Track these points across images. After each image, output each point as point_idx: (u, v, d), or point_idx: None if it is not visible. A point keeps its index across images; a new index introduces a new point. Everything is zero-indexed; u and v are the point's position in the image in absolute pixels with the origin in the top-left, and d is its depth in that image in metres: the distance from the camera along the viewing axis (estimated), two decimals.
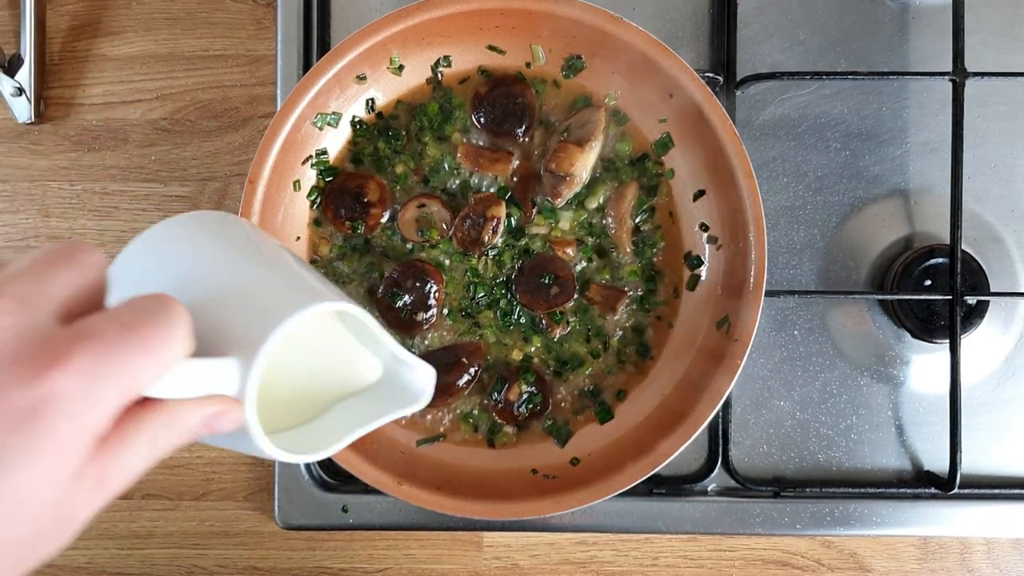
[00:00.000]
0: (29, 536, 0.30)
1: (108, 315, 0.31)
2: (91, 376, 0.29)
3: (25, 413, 0.28)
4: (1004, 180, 0.74)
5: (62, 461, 0.30)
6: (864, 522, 0.72)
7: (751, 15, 0.74)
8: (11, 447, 0.28)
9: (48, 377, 0.29)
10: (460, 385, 0.70)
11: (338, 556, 0.75)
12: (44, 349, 0.29)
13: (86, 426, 0.30)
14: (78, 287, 0.32)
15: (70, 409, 0.29)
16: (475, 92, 0.71)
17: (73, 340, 0.30)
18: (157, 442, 0.33)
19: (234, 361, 0.33)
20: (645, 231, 0.71)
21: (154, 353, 0.31)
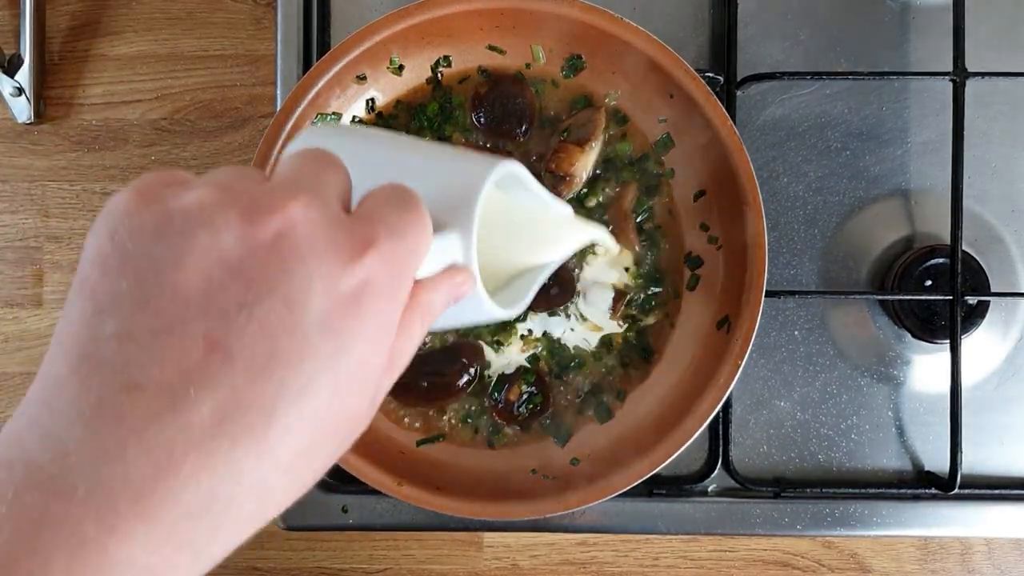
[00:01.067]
0: (362, 413, 0.32)
1: (377, 201, 0.33)
2: (392, 258, 0.31)
3: (352, 297, 0.30)
4: (1004, 180, 0.74)
5: (383, 340, 0.31)
6: (864, 522, 0.71)
7: (751, 15, 0.74)
8: (347, 331, 0.30)
9: (362, 262, 0.30)
10: (460, 385, 0.70)
11: (338, 556, 0.75)
12: (352, 235, 0.30)
13: (398, 304, 0.32)
14: (343, 183, 0.34)
15: (384, 291, 0.31)
16: (475, 92, 0.71)
17: (369, 225, 0.31)
18: (426, 318, 0.35)
19: (455, 231, 0.36)
20: (646, 231, 0.71)
21: (423, 231, 0.33)
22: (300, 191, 0.30)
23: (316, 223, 0.30)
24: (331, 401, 0.30)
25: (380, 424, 0.70)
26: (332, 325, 0.29)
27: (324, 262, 0.29)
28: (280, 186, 0.31)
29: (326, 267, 0.29)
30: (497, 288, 0.46)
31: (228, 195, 0.29)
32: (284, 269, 0.29)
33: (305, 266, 0.29)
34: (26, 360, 0.76)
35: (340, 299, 0.29)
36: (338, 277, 0.29)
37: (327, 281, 0.29)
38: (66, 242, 0.76)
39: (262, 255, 0.28)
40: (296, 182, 0.31)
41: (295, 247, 0.29)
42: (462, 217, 0.37)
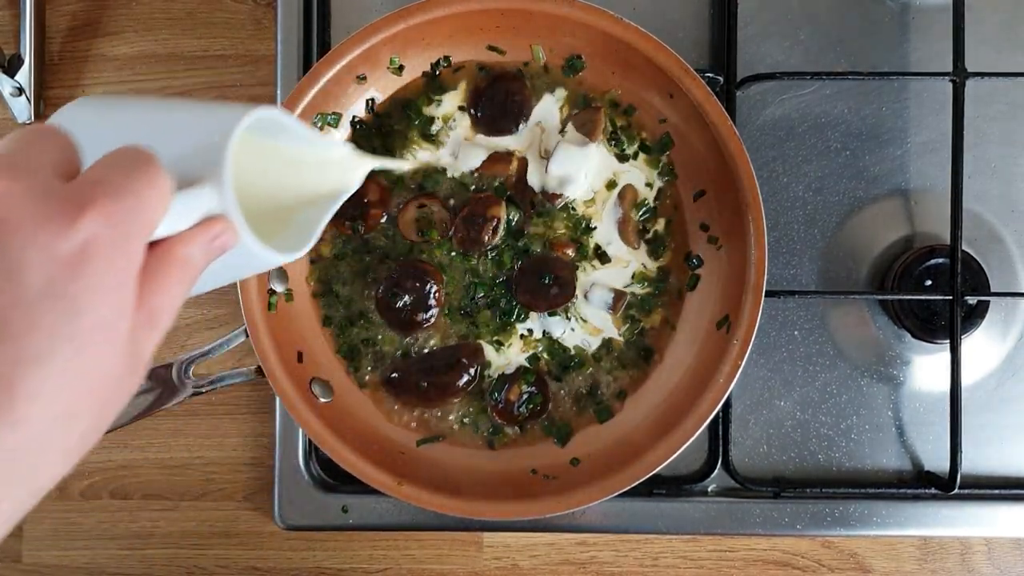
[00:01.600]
0: (118, 372, 0.32)
1: (102, 165, 0.33)
2: (116, 215, 0.31)
3: (74, 259, 0.30)
4: (1004, 180, 0.74)
5: (122, 296, 0.32)
6: (864, 522, 0.72)
7: (751, 15, 0.74)
8: (76, 292, 0.30)
9: (81, 223, 0.30)
10: (460, 385, 0.70)
11: (338, 556, 0.75)
12: (65, 201, 0.30)
13: (130, 261, 0.32)
14: (61, 152, 0.34)
15: (111, 247, 0.31)
16: (474, 87, 0.71)
17: (88, 188, 0.31)
18: (184, 274, 0.35)
19: (208, 184, 0.36)
20: (647, 231, 0.71)
21: (153, 187, 0.33)
22: (5, 167, 0.31)
23: (24, 195, 0.30)
24: (74, 362, 0.30)
25: (380, 424, 0.70)
26: (56, 290, 0.29)
27: (38, 230, 0.29)
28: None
29: (41, 235, 0.29)
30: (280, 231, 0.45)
31: None
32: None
33: (18, 237, 0.29)
34: None
35: (61, 263, 0.30)
36: (54, 243, 0.30)
37: (44, 248, 0.29)
38: None
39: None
40: (3, 158, 0.31)
41: (5, 222, 0.29)
42: (213, 168, 0.36)
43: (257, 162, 0.40)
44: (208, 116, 0.40)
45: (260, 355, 0.66)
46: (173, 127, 0.40)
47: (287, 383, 0.66)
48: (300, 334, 0.70)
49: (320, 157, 0.48)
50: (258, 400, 0.75)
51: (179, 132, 0.39)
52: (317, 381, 0.69)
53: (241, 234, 0.37)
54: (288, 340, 0.68)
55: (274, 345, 0.66)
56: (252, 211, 0.38)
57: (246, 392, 0.75)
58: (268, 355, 0.66)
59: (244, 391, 0.75)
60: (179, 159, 0.37)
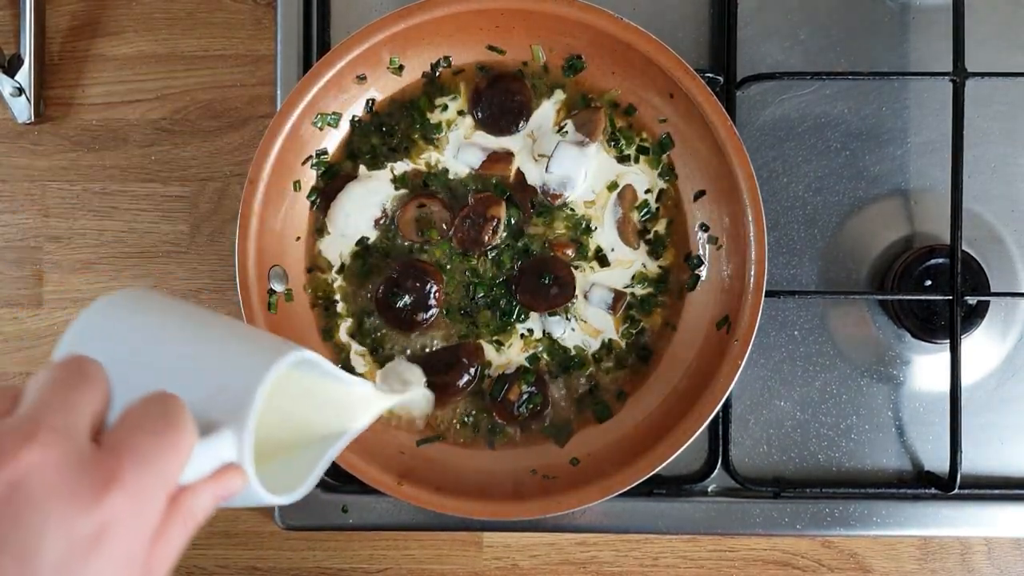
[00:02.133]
0: None
1: (131, 426, 0.33)
2: (138, 491, 0.31)
3: (91, 540, 0.30)
4: (1004, 180, 0.74)
5: (132, 568, 0.32)
6: (864, 522, 0.71)
7: (751, 15, 0.74)
8: (87, 572, 0.30)
9: (104, 502, 0.30)
10: (460, 385, 0.70)
11: (338, 556, 0.75)
12: (94, 475, 0.31)
13: (143, 536, 0.32)
14: (97, 404, 0.34)
15: (128, 526, 0.31)
16: (475, 87, 0.71)
17: (116, 460, 0.31)
18: (189, 523, 0.35)
19: (229, 432, 0.36)
20: (647, 231, 0.71)
21: (180, 451, 0.33)
22: (41, 428, 0.30)
23: (55, 466, 0.30)
24: None
25: (380, 424, 0.70)
26: (70, 571, 0.29)
27: (61, 508, 0.29)
28: (22, 422, 0.31)
29: (63, 513, 0.29)
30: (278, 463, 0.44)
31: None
32: (16, 521, 0.29)
33: (40, 515, 0.29)
34: (26, 360, 0.76)
35: (79, 543, 0.29)
36: (75, 522, 0.29)
37: (64, 527, 0.29)
38: (66, 242, 0.76)
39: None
40: (40, 415, 0.31)
41: (30, 497, 0.29)
42: (238, 416, 0.36)
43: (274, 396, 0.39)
44: (239, 355, 0.39)
45: None
46: (204, 360, 0.39)
47: None
48: (300, 334, 0.70)
49: (339, 393, 0.47)
50: None
51: (208, 367, 0.38)
52: None
53: (251, 483, 0.37)
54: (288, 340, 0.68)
55: None
56: (258, 446, 0.37)
57: None
58: None
59: None
60: (206, 398, 0.36)
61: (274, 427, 0.42)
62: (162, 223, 0.76)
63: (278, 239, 0.69)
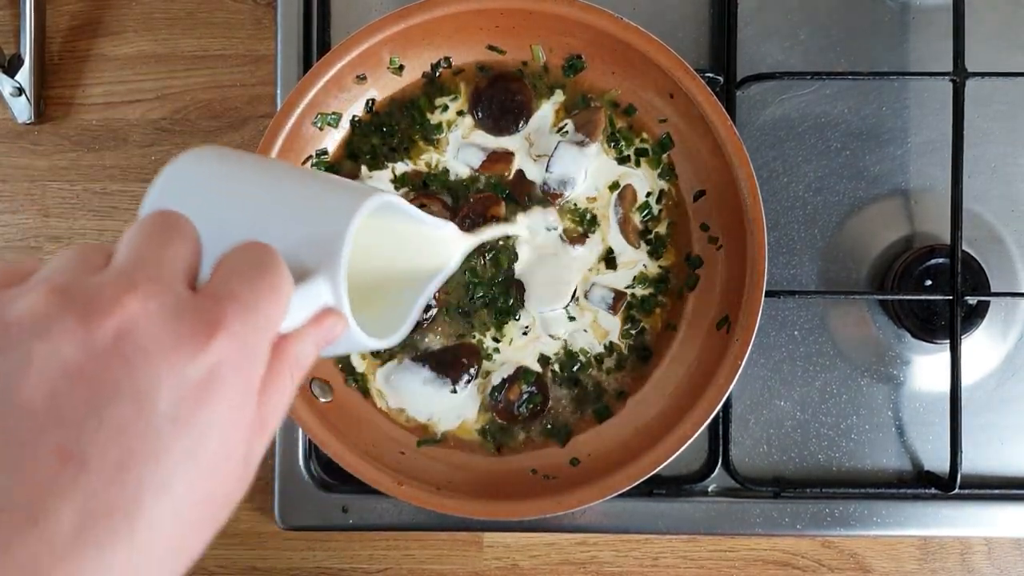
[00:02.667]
0: (232, 489, 0.32)
1: (228, 274, 0.33)
2: (243, 335, 0.31)
3: (202, 385, 0.30)
4: (1004, 180, 0.74)
5: (242, 418, 0.32)
6: (864, 522, 0.72)
7: (751, 15, 0.74)
8: (203, 418, 0.30)
9: (210, 347, 0.30)
10: (461, 385, 0.70)
11: (338, 556, 0.75)
12: (197, 322, 0.30)
13: (252, 381, 0.32)
14: (191, 255, 0.34)
15: (236, 370, 0.31)
16: (475, 87, 0.71)
17: (217, 306, 0.31)
18: (296, 372, 0.35)
19: (323, 277, 0.36)
20: (647, 231, 0.71)
21: (279, 295, 0.33)
22: (139, 280, 0.30)
23: (157, 314, 0.30)
24: (195, 489, 0.30)
25: (380, 424, 0.70)
26: (183, 416, 0.29)
27: (169, 355, 0.29)
28: (118, 275, 0.31)
29: (172, 359, 0.29)
30: (375, 310, 0.44)
31: (62, 298, 0.29)
32: (128, 369, 0.29)
33: (149, 362, 0.29)
34: None
35: (190, 389, 0.29)
36: (185, 367, 0.29)
37: (174, 374, 0.29)
38: (66, 242, 0.76)
39: (104, 358, 0.29)
40: (135, 267, 0.31)
41: (137, 344, 0.29)
42: (330, 260, 0.36)
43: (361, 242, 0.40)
44: (323, 200, 0.39)
45: None
46: (287, 210, 0.39)
47: None
48: None
49: (424, 236, 0.47)
50: None
51: (293, 217, 0.38)
52: (317, 381, 0.69)
53: (351, 327, 0.37)
54: None
55: None
56: (352, 292, 0.37)
57: None
58: None
59: None
60: (295, 246, 0.36)
61: (365, 273, 0.43)
62: None
63: None
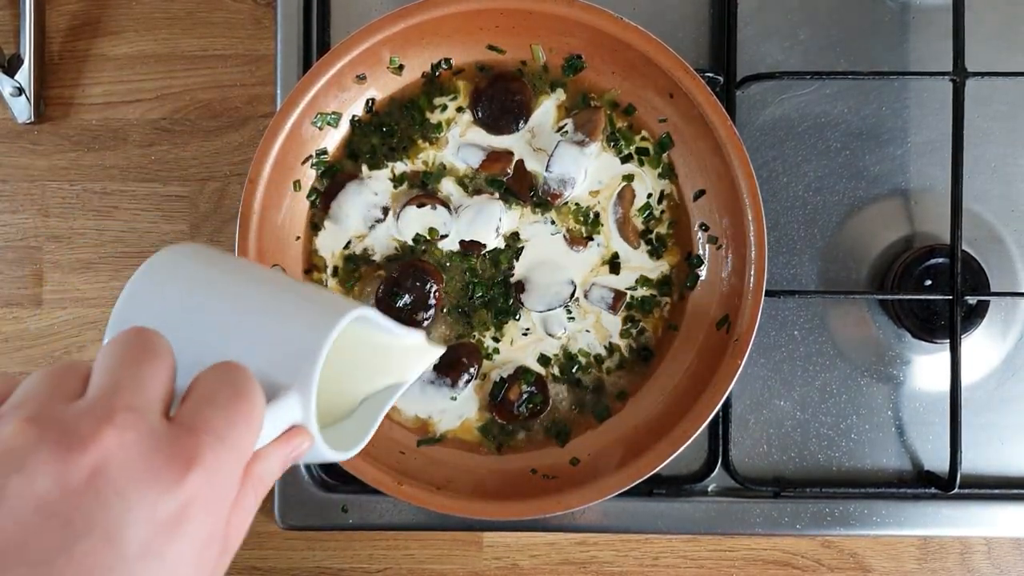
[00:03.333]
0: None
1: (202, 401, 0.33)
2: (217, 467, 0.31)
3: (173, 521, 0.30)
4: (1004, 180, 0.74)
5: (211, 550, 0.32)
6: (864, 522, 0.72)
7: (751, 15, 0.74)
8: (172, 554, 0.30)
9: (184, 483, 0.30)
10: (460, 385, 0.70)
11: (338, 556, 0.75)
12: (171, 456, 0.30)
13: (223, 513, 0.32)
14: (166, 378, 0.33)
15: (208, 502, 0.31)
16: (475, 87, 0.71)
17: (192, 438, 0.31)
18: (260, 490, 0.35)
19: (295, 395, 0.36)
20: (647, 231, 0.71)
21: (253, 423, 0.33)
22: (116, 409, 0.30)
23: (134, 447, 0.30)
24: None
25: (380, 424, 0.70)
26: (153, 550, 0.29)
27: (142, 491, 0.29)
28: (94, 404, 0.31)
29: (145, 495, 0.29)
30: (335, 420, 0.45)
31: (38, 429, 0.29)
32: (101, 506, 0.29)
33: (123, 499, 0.29)
34: (26, 360, 0.76)
35: (161, 525, 0.30)
36: (157, 503, 0.30)
37: (146, 510, 0.29)
38: (66, 242, 0.76)
39: (78, 495, 0.29)
40: (112, 394, 0.31)
41: (111, 481, 0.29)
42: (303, 378, 0.36)
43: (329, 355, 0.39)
44: (298, 315, 0.38)
45: None
46: (263, 324, 0.38)
47: None
48: None
49: (391, 346, 0.47)
50: None
51: (269, 330, 0.38)
52: None
53: (317, 443, 0.37)
54: None
55: None
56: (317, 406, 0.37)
57: None
58: None
59: None
60: (268, 361, 0.36)
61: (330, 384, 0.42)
62: (162, 223, 0.76)
63: (278, 239, 0.69)
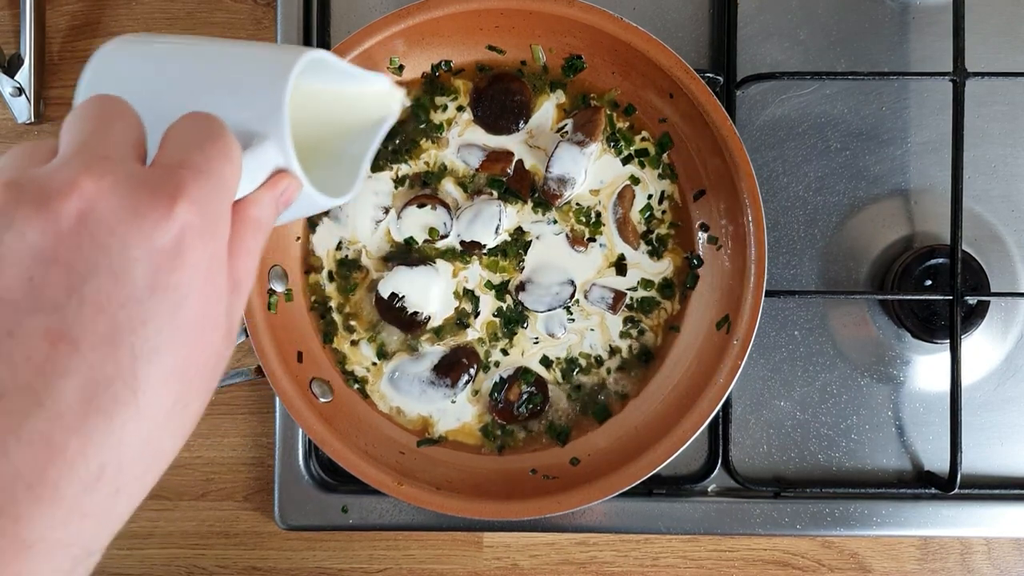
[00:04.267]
0: (220, 348, 0.34)
1: (176, 143, 0.34)
2: (202, 200, 0.32)
3: (172, 252, 0.31)
4: (1004, 180, 0.74)
5: (216, 279, 0.33)
6: (864, 522, 0.72)
7: (751, 15, 0.74)
8: (179, 281, 0.31)
9: (173, 215, 0.31)
10: (460, 386, 0.70)
11: (338, 556, 0.75)
12: (155, 191, 0.31)
13: (221, 240, 0.33)
14: (134, 132, 0.34)
15: (202, 234, 0.31)
16: (475, 87, 0.71)
17: (172, 175, 0.32)
18: (259, 233, 0.36)
19: (270, 140, 0.37)
20: (647, 231, 0.71)
21: (231, 159, 0.34)
22: (88, 161, 0.31)
23: (113, 190, 0.30)
24: (185, 349, 0.31)
25: (380, 424, 0.70)
26: (161, 282, 0.30)
27: (135, 226, 0.30)
28: (67, 160, 0.31)
29: (138, 230, 0.30)
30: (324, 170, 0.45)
31: (16, 190, 0.30)
32: (98, 245, 0.30)
33: (117, 236, 0.30)
34: None
35: (162, 256, 0.30)
36: (152, 237, 0.30)
37: (144, 243, 0.30)
38: None
39: (73, 238, 0.29)
40: (82, 150, 0.32)
41: (101, 221, 0.30)
42: (273, 122, 0.37)
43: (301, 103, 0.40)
44: (256, 64, 0.40)
45: (260, 355, 0.66)
46: (223, 78, 0.39)
47: (287, 383, 0.66)
48: (300, 334, 0.70)
49: (361, 92, 0.48)
50: (258, 400, 0.75)
51: (231, 84, 0.39)
52: (317, 381, 0.69)
53: (304, 186, 0.38)
54: (288, 340, 0.68)
55: (274, 345, 0.66)
56: (301, 154, 0.38)
57: (246, 392, 0.75)
58: (268, 355, 0.66)
59: (244, 391, 0.75)
60: (236, 115, 0.37)
61: (309, 135, 0.43)
62: None
63: (278, 238, 0.69)
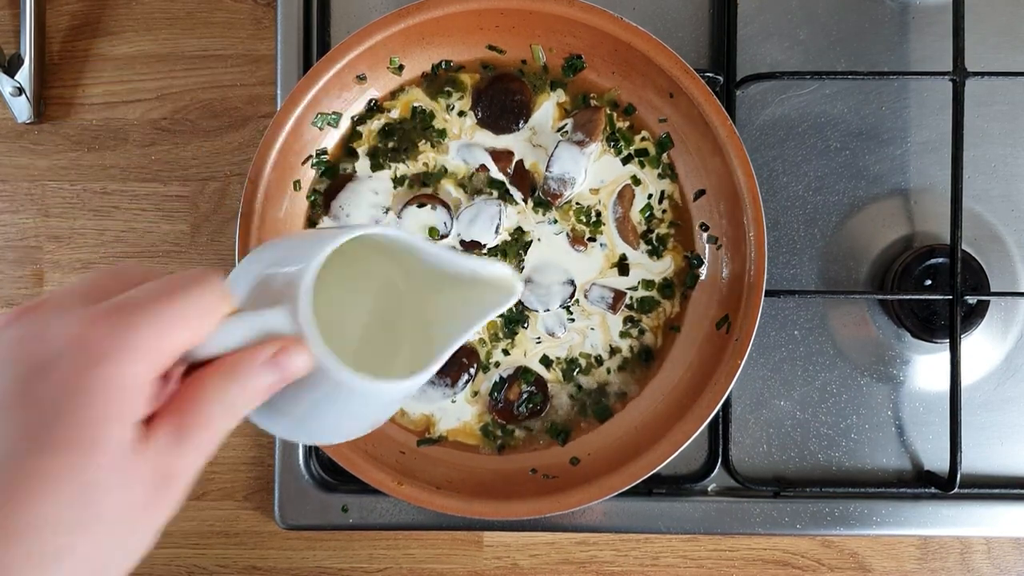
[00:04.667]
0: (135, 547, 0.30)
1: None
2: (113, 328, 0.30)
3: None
4: (1004, 180, 0.74)
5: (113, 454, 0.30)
6: (864, 522, 0.72)
7: (751, 15, 0.74)
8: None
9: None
10: (460, 385, 0.70)
11: (338, 556, 0.75)
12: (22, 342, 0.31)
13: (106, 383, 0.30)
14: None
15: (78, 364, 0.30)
16: (475, 87, 0.71)
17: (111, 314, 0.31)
18: (227, 399, 0.31)
19: (281, 307, 0.33)
20: (647, 231, 0.71)
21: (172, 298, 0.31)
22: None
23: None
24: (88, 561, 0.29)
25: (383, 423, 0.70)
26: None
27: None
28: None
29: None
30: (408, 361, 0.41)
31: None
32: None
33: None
34: None
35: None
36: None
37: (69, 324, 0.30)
38: (66, 242, 0.76)
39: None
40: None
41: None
42: (292, 290, 0.34)
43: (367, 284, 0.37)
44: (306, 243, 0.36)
45: None
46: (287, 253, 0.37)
47: None
48: None
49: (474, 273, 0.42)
50: None
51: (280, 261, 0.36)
52: None
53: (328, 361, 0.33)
54: None
55: None
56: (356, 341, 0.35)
57: None
58: None
59: None
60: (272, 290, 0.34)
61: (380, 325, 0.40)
62: (162, 223, 0.76)
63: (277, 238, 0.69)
